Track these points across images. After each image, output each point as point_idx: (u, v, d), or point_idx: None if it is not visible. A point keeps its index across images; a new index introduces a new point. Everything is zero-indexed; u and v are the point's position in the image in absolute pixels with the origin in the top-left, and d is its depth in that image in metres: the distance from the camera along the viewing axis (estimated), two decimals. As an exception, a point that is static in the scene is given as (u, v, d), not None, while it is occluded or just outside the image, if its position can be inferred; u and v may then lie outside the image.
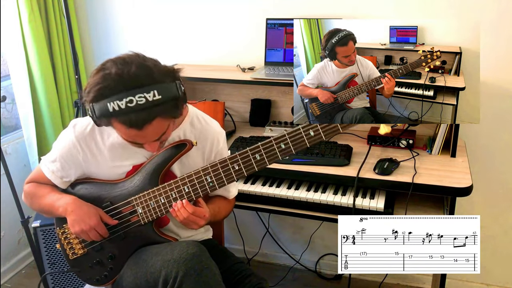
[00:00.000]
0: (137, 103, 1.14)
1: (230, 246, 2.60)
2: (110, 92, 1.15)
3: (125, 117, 1.16)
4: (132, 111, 1.15)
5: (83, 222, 1.36)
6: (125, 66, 1.16)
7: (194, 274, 1.24)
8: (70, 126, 1.42)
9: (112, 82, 1.15)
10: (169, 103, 1.19)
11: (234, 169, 1.33)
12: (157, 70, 1.19)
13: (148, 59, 1.21)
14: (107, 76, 1.16)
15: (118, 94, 1.14)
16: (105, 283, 1.49)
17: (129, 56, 1.21)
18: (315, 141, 1.28)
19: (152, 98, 1.15)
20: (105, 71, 1.17)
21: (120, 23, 2.51)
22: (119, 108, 1.14)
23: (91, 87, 1.17)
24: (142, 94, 1.14)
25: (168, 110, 1.20)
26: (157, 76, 1.18)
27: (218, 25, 2.33)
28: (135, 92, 1.14)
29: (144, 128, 1.19)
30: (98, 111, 1.18)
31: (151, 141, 1.27)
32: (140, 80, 1.15)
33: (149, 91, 1.15)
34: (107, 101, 1.15)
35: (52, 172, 1.45)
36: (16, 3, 2.22)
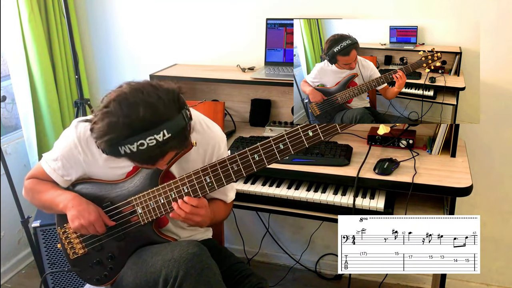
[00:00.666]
0: (148, 145, 1.13)
1: (230, 246, 2.60)
2: (120, 139, 1.13)
3: (138, 158, 1.17)
4: (144, 152, 1.14)
5: (82, 218, 1.36)
6: (131, 110, 1.12)
7: (194, 274, 1.24)
8: (72, 126, 1.42)
9: (121, 131, 1.12)
10: (179, 136, 1.18)
11: (233, 169, 1.33)
12: (163, 106, 1.15)
13: (152, 92, 1.15)
14: (115, 125, 1.12)
15: (128, 139, 1.13)
16: (105, 283, 1.49)
17: (132, 92, 1.15)
18: (314, 141, 1.28)
19: (163, 138, 1.13)
20: (110, 118, 1.12)
21: (120, 23, 2.51)
22: (130, 151, 1.14)
23: (99, 136, 1.14)
24: (152, 136, 1.13)
25: (179, 143, 1.20)
26: (164, 113, 1.14)
27: (218, 25, 2.33)
28: (145, 135, 1.12)
29: (157, 162, 1.21)
30: (108, 151, 1.17)
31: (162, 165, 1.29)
32: (148, 122, 1.13)
33: (158, 132, 1.13)
34: (118, 146, 1.14)
35: (53, 170, 1.45)
36: (16, 3, 2.22)
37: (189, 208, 1.32)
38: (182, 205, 1.32)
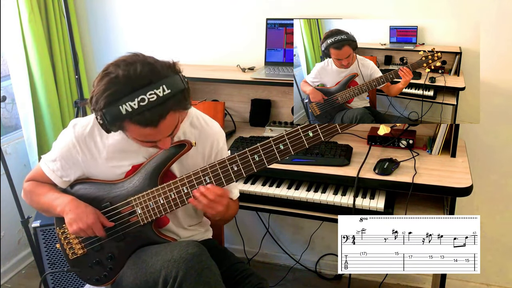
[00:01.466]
0: (149, 100, 1.14)
1: (230, 246, 2.60)
2: (121, 95, 1.15)
3: (140, 117, 1.16)
4: (145, 110, 1.15)
5: (80, 221, 1.36)
6: (130, 66, 1.16)
7: (194, 274, 1.24)
8: (70, 126, 1.42)
9: (121, 85, 1.15)
10: (179, 95, 1.20)
11: (233, 169, 1.33)
12: (160, 65, 1.20)
13: (147, 56, 1.22)
14: (115, 80, 1.15)
15: (129, 95, 1.14)
16: (104, 283, 1.49)
17: (129, 57, 1.21)
18: (314, 142, 1.28)
19: (163, 93, 1.16)
20: (110, 75, 1.16)
21: (120, 23, 2.51)
22: (132, 109, 1.14)
23: (100, 95, 1.16)
24: (153, 90, 1.15)
25: (179, 102, 1.21)
26: (161, 71, 1.18)
27: (218, 25, 2.33)
28: (145, 90, 1.14)
29: (159, 125, 1.19)
30: (110, 116, 1.16)
31: (165, 136, 1.26)
32: (147, 78, 1.16)
33: (158, 87, 1.15)
34: (119, 104, 1.14)
35: (52, 171, 1.45)
36: (16, 3, 2.23)
37: (213, 195, 1.31)
38: (206, 191, 1.32)
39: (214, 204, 1.33)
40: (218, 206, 1.34)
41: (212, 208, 1.34)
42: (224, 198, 1.35)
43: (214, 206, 1.33)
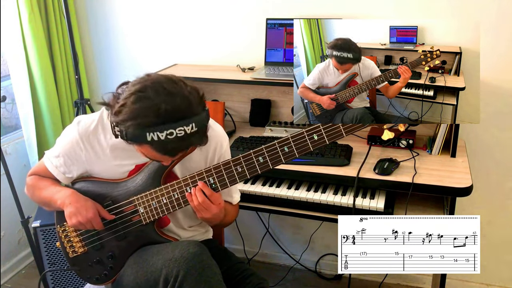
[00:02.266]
0: (177, 135, 1.14)
1: (230, 246, 2.60)
2: (153, 124, 1.14)
3: (162, 146, 1.17)
4: (170, 142, 1.15)
5: (80, 215, 1.36)
6: (170, 98, 1.14)
7: (195, 274, 1.24)
8: (74, 123, 1.42)
9: (157, 117, 1.13)
10: (202, 132, 1.21)
11: (237, 171, 1.33)
12: (194, 101, 1.18)
13: (184, 87, 1.18)
14: (153, 110, 1.13)
15: (160, 125, 1.13)
16: (105, 282, 1.49)
17: (171, 84, 1.17)
18: (319, 145, 1.28)
19: (190, 130, 1.16)
20: (148, 102, 1.13)
21: (120, 23, 2.51)
22: (158, 138, 1.14)
23: (130, 116, 1.14)
24: (183, 127, 1.14)
25: (200, 139, 1.22)
26: (195, 109, 1.17)
27: (218, 25, 2.33)
28: (176, 125, 1.14)
29: (176, 155, 1.22)
30: (132, 136, 1.16)
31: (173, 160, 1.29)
32: (181, 113, 1.15)
33: (188, 124, 1.15)
34: (147, 131, 1.14)
35: (55, 167, 1.46)
36: (16, 3, 2.23)
37: (201, 198, 1.32)
38: (197, 192, 1.33)
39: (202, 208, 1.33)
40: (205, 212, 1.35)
41: (201, 210, 1.35)
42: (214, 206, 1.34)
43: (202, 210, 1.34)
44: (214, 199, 1.34)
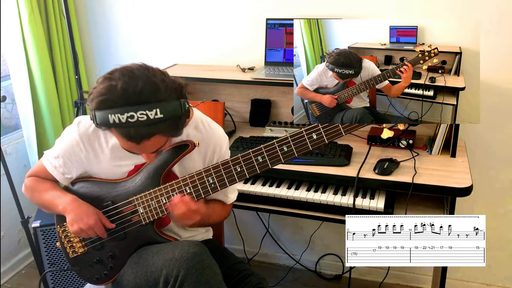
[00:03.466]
0: (138, 119, 1.14)
1: (230, 246, 2.59)
2: (113, 104, 1.14)
3: (124, 130, 1.17)
4: (131, 126, 1.15)
5: (81, 221, 1.36)
6: (132, 80, 1.15)
7: (195, 274, 1.24)
8: (75, 124, 1.42)
9: (116, 96, 1.14)
10: (170, 122, 1.19)
11: (236, 170, 1.33)
12: (164, 87, 1.17)
13: (158, 74, 1.19)
14: (112, 89, 1.14)
15: (120, 107, 1.14)
16: (105, 282, 1.49)
17: (139, 69, 1.19)
18: (318, 144, 1.28)
19: (154, 116, 1.14)
20: (111, 81, 1.15)
21: (120, 23, 2.51)
22: (119, 121, 1.14)
23: (95, 96, 1.16)
24: (144, 111, 1.14)
25: (168, 129, 1.20)
26: (162, 94, 1.16)
27: (218, 25, 2.33)
28: (137, 108, 1.13)
29: (142, 143, 1.20)
30: (99, 119, 1.17)
31: (148, 153, 1.28)
32: (144, 97, 1.14)
33: (151, 109, 1.14)
34: (109, 113, 1.14)
35: (54, 168, 1.45)
36: (16, 3, 2.23)
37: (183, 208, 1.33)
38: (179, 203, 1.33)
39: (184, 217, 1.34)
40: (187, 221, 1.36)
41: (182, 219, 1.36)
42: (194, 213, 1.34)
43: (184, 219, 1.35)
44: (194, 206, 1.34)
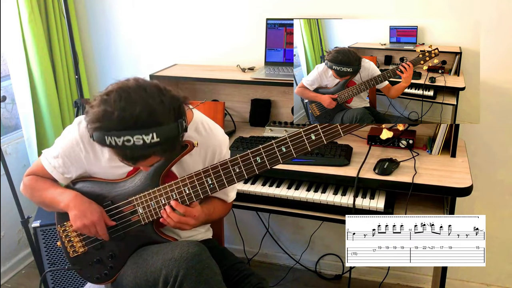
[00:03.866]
0: (134, 143, 1.13)
1: (230, 246, 2.59)
2: (109, 129, 1.14)
3: (121, 152, 1.17)
4: (128, 149, 1.15)
5: (85, 218, 1.37)
6: (129, 105, 1.12)
7: (195, 274, 1.24)
8: (75, 124, 1.42)
9: (112, 123, 1.13)
10: (167, 144, 1.18)
11: (235, 171, 1.33)
12: (161, 110, 1.15)
13: (156, 95, 1.16)
14: (109, 116, 1.13)
15: (117, 131, 1.13)
16: (105, 282, 1.49)
17: (136, 90, 1.15)
18: (317, 145, 1.28)
19: (150, 140, 1.14)
20: (106, 107, 1.13)
21: (120, 23, 2.51)
22: (116, 144, 1.14)
23: (91, 120, 1.16)
24: (141, 136, 1.13)
25: (164, 151, 1.20)
26: (159, 118, 1.15)
27: (218, 25, 2.33)
28: (133, 133, 1.13)
29: (137, 163, 1.22)
30: (96, 138, 1.17)
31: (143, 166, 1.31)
32: (141, 122, 1.13)
33: (148, 134, 1.13)
34: (105, 135, 1.14)
35: (53, 168, 1.45)
36: (16, 3, 2.23)
37: (177, 218, 1.34)
38: (170, 214, 1.34)
39: (180, 224, 1.36)
40: (184, 226, 1.37)
41: (179, 228, 1.37)
42: (189, 218, 1.35)
43: (181, 226, 1.36)
44: (189, 213, 1.35)
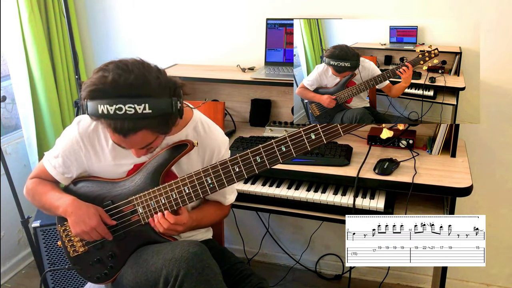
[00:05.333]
0: (126, 112, 1.14)
1: (230, 246, 2.60)
2: (103, 95, 1.16)
3: (112, 122, 1.17)
4: (119, 118, 1.16)
5: (83, 223, 1.36)
6: (125, 73, 1.16)
7: (195, 273, 1.24)
8: (75, 123, 1.43)
9: (107, 87, 1.15)
10: (158, 118, 1.19)
11: (235, 170, 1.33)
12: (157, 84, 1.18)
13: (153, 71, 1.20)
14: (104, 80, 1.16)
15: (110, 99, 1.15)
16: (105, 281, 1.49)
17: (134, 63, 1.20)
18: (316, 144, 1.28)
19: (142, 110, 1.15)
20: (104, 73, 1.17)
21: (120, 23, 2.52)
22: (107, 112, 1.15)
23: (88, 85, 1.18)
24: (133, 104, 1.15)
25: (156, 125, 1.21)
26: (153, 90, 1.17)
27: (218, 25, 2.33)
28: (126, 101, 1.14)
29: (128, 137, 1.21)
30: (89, 108, 1.18)
31: (135, 148, 1.29)
32: (134, 91, 1.15)
33: (140, 103, 1.15)
34: (98, 103, 1.16)
35: (54, 168, 1.46)
36: (16, 3, 2.23)
37: (167, 225, 1.35)
38: (161, 220, 1.36)
39: (169, 231, 1.38)
40: (173, 233, 1.39)
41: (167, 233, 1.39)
42: (179, 226, 1.37)
43: (170, 232, 1.39)
44: (178, 222, 1.36)
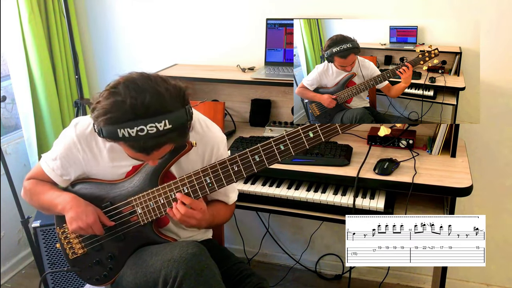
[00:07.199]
0: (148, 132, 1.13)
1: (230, 246, 2.60)
2: (121, 120, 1.13)
3: (134, 143, 1.16)
4: (142, 139, 1.15)
5: (80, 220, 1.36)
6: (139, 94, 1.13)
7: (194, 274, 1.24)
8: (72, 125, 1.42)
9: (125, 113, 1.13)
10: (179, 131, 1.19)
11: (233, 170, 1.33)
12: (169, 96, 1.16)
13: (160, 83, 1.18)
14: (120, 105, 1.13)
15: (129, 122, 1.13)
16: (104, 283, 1.49)
17: (141, 79, 1.17)
18: (315, 142, 1.28)
19: (163, 127, 1.14)
20: (116, 97, 1.13)
21: (120, 23, 2.51)
22: (129, 135, 1.14)
23: (101, 113, 1.15)
24: (154, 124, 1.13)
25: (177, 138, 1.21)
26: (169, 104, 1.16)
27: (218, 25, 2.33)
28: (146, 122, 1.13)
29: (151, 154, 1.21)
30: (107, 133, 1.16)
31: (154, 159, 1.29)
32: (153, 110, 1.14)
33: (160, 121, 1.14)
34: (117, 127, 1.14)
35: (52, 170, 1.45)
36: (16, 3, 2.23)
37: (184, 210, 1.33)
38: (178, 205, 1.33)
39: (186, 218, 1.34)
40: (190, 220, 1.35)
41: (185, 221, 1.35)
42: (196, 212, 1.34)
43: (187, 220, 1.35)
44: (195, 206, 1.34)
